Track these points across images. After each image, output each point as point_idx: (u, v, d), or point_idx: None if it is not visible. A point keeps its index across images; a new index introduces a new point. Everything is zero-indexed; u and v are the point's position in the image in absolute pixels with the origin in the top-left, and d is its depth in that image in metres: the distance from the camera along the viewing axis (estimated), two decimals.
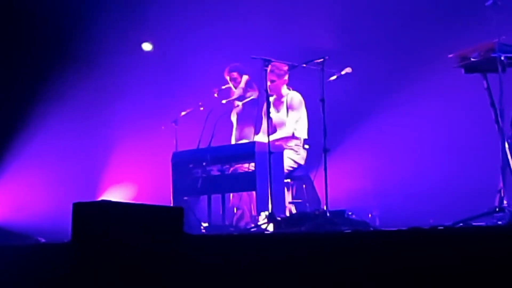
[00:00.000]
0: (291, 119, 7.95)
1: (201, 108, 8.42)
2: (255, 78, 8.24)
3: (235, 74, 8.52)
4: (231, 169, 7.87)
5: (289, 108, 8.00)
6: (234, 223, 7.85)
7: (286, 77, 8.06)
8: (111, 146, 10.15)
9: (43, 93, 9.81)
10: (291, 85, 8.16)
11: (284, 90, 8.09)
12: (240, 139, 8.44)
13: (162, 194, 8.36)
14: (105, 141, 10.16)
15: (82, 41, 9.99)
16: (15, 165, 9.68)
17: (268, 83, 7.57)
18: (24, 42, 9.94)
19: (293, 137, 7.92)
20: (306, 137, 7.98)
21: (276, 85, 7.86)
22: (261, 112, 8.22)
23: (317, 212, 6.76)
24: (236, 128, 8.60)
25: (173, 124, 8.61)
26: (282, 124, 7.99)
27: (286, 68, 7.95)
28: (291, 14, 9.41)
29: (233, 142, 8.53)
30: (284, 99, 8.06)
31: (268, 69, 7.88)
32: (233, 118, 8.62)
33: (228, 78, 8.56)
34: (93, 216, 4.49)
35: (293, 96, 8.05)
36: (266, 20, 9.45)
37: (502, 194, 5.63)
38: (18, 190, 9.67)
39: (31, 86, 9.86)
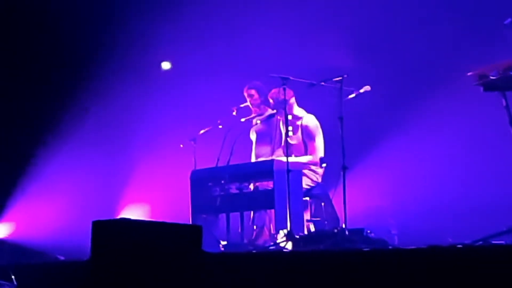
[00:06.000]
0: (314, 149, 7.95)
1: (220, 126, 8.44)
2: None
3: (253, 92, 8.53)
4: (250, 187, 7.88)
5: (307, 137, 7.99)
6: (252, 241, 7.85)
7: (293, 100, 8.05)
8: (130, 164, 10.19)
9: (63, 113, 9.88)
10: (309, 104, 8.16)
11: (297, 110, 8.09)
12: (259, 157, 8.45)
13: (181, 212, 8.37)
14: (124, 159, 10.19)
15: (101, 60, 10.05)
16: (36, 184, 9.73)
17: (274, 111, 7.71)
18: (45, 62, 10.01)
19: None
20: (322, 155, 7.98)
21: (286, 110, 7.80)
22: (277, 129, 8.23)
23: (335, 230, 6.76)
24: (256, 146, 8.61)
25: (192, 142, 8.63)
26: (297, 145, 7.99)
27: (289, 94, 7.88)
28: (309, 32, 9.42)
29: (252, 160, 8.53)
30: (299, 122, 8.04)
31: (271, 101, 7.96)
32: (252, 136, 8.63)
33: (246, 94, 8.57)
34: (112, 234, 4.50)
35: (308, 121, 8.03)
36: (284, 39, 9.47)
37: None
38: (38, 208, 9.71)
39: (52, 106, 9.93)
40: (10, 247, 9.07)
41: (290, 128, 7.82)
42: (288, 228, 7.03)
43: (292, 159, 7.59)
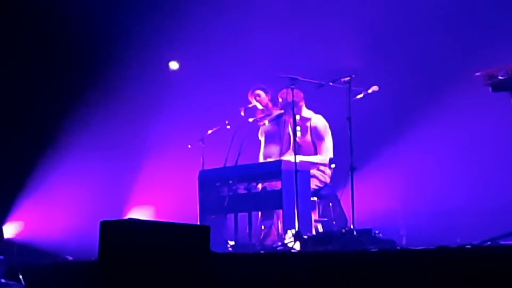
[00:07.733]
0: (324, 149, 7.96)
1: (228, 127, 8.44)
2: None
3: (259, 92, 8.55)
4: (258, 187, 7.88)
5: (316, 137, 8.00)
6: (260, 241, 7.85)
7: (302, 102, 8.06)
8: (138, 165, 10.20)
9: (72, 114, 9.91)
10: (318, 104, 8.16)
11: (305, 112, 8.10)
12: (267, 157, 8.45)
13: (189, 213, 8.38)
14: (133, 160, 10.21)
15: (110, 61, 10.07)
16: (44, 185, 9.76)
17: (282, 111, 7.71)
18: (55, 64, 10.04)
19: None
20: (331, 156, 7.98)
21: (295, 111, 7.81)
22: (286, 130, 8.23)
23: (343, 231, 6.75)
24: (264, 146, 8.61)
25: (200, 142, 8.63)
26: (307, 146, 7.99)
27: (298, 96, 7.90)
28: (318, 33, 9.42)
29: (261, 160, 8.54)
30: (308, 124, 8.05)
31: (280, 100, 7.96)
32: (261, 136, 8.64)
33: (252, 98, 8.58)
34: (120, 234, 4.51)
35: (317, 123, 8.04)
36: (292, 39, 9.48)
37: None
38: (46, 209, 9.74)
39: (62, 107, 9.96)
40: (18, 247, 9.10)
41: (298, 128, 7.82)
42: (296, 228, 7.02)
43: (301, 158, 7.59)
